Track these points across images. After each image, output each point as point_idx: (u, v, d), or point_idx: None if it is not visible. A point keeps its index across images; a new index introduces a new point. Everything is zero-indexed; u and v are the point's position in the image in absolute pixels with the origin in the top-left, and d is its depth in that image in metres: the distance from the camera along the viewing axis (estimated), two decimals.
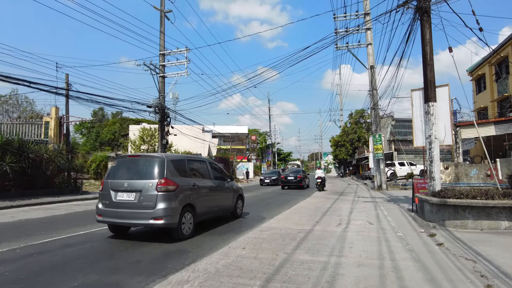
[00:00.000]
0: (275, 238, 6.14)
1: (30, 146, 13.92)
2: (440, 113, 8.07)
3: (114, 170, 6.50)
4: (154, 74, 24.43)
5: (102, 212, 6.24)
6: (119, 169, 6.50)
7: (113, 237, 6.47)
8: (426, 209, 7.54)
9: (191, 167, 7.10)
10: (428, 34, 8.15)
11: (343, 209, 10.42)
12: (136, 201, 5.92)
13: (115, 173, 6.44)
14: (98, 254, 5.21)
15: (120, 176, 6.31)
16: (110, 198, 6.15)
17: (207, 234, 6.69)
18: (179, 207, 6.09)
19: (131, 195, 5.99)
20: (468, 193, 6.77)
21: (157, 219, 5.75)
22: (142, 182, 6.00)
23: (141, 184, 5.98)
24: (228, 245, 5.65)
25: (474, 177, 17.56)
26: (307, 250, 5.26)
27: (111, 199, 6.15)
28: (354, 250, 5.26)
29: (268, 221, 8.20)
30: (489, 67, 25.57)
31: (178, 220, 6.03)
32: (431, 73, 8.05)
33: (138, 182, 6.04)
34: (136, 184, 6.03)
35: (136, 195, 5.94)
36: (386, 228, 7.20)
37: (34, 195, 14.01)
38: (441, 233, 6.34)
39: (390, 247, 5.43)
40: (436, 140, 7.98)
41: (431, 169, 8.00)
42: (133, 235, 6.74)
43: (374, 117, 20.15)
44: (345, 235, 6.46)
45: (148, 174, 6.08)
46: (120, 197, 6.07)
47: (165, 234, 6.39)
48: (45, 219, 9.13)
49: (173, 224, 5.94)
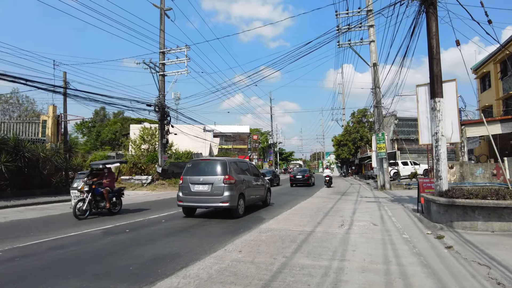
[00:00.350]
0: (274, 241, 5.82)
1: (26, 145, 13.68)
2: (447, 109, 7.71)
3: (190, 169, 8.87)
4: (154, 73, 24.17)
5: (183, 199, 8.65)
6: (193, 168, 8.89)
7: (104, 239, 6.19)
8: (433, 210, 7.20)
9: (240, 167, 9.63)
10: (434, 27, 7.79)
11: (345, 210, 10.09)
12: (209, 190, 8.34)
13: (191, 171, 8.79)
14: (86, 257, 4.92)
15: (195, 173, 8.67)
16: (189, 189, 8.54)
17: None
18: (237, 195, 8.59)
19: (206, 186, 8.41)
20: (477, 193, 6.42)
21: (224, 202, 8.23)
22: (213, 177, 8.38)
23: (213, 179, 8.37)
24: (224, 247, 5.34)
25: (479, 177, 17.13)
26: (308, 253, 4.94)
27: (189, 189, 8.54)
28: (358, 253, 4.93)
29: (268, 222, 7.88)
30: (494, 65, 25.11)
31: (237, 204, 8.54)
32: (438, 67, 7.70)
33: (210, 178, 8.41)
34: (209, 179, 8.41)
35: (209, 186, 8.36)
36: (391, 229, 6.86)
37: (30, 195, 13.78)
38: (450, 235, 6.00)
39: (396, 250, 5.10)
40: (443, 138, 7.62)
41: (438, 168, 7.65)
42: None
43: (377, 116, 19.78)
44: (348, 237, 6.13)
45: (217, 172, 8.45)
46: (196, 188, 8.49)
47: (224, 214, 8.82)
48: (38, 219, 8.87)
49: (234, 206, 8.44)
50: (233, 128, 57.58)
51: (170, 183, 22.67)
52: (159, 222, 8.15)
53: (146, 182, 22.13)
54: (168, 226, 7.58)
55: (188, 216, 8.96)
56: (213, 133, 43.72)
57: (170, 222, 8.12)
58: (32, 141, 15.46)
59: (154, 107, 23.14)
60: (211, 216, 9.08)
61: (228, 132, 55.23)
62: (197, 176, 8.56)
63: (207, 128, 40.54)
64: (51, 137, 16.49)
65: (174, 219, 8.70)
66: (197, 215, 9.34)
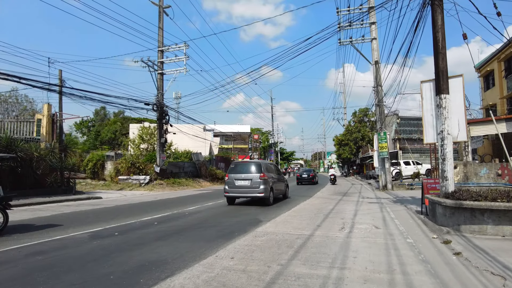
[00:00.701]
0: (270, 246, 5.46)
1: (19, 144, 13.36)
2: (453, 106, 7.33)
3: (234, 169, 11.86)
4: (152, 71, 23.83)
5: (229, 191, 11.51)
6: (236, 168, 11.89)
7: (90, 243, 5.83)
8: (439, 212, 6.82)
9: (269, 167, 12.51)
10: (440, 20, 7.41)
11: (346, 211, 9.72)
12: (249, 184, 11.18)
13: (234, 170, 11.73)
14: (66, 264, 4.56)
15: (237, 172, 11.58)
16: (233, 184, 11.41)
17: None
18: (269, 188, 11.35)
19: (246, 181, 11.24)
20: (486, 195, 6.04)
21: (260, 193, 11.04)
22: (252, 175, 11.25)
23: (251, 176, 11.24)
24: (216, 253, 4.98)
25: (484, 177, 16.77)
26: (305, 260, 4.58)
27: (234, 184, 11.41)
28: (359, 260, 4.56)
29: (265, 225, 7.51)
30: (498, 63, 24.66)
31: (269, 195, 11.29)
32: (443, 62, 7.31)
33: (250, 175, 11.28)
34: (249, 176, 11.28)
35: (249, 182, 11.19)
36: (394, 233, 6.49)
37: (23, 195, 13.43)
38: (457, 240, 5.63)
39: (400, 257, 4.73)
40: (449, 136, 7.24)
41: (444, 168, 7.27)
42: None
43: (379, 114, 19.37)
44: (348, 241, 5.77)
45: (255, 170, 11.33)
46: (239, 183, 11.35)
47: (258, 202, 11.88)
48: (26, 221, 8.52)
49: (267, 196, 11.20)
50: (234, 127, 57.18)
51: (168, 183, 22.33)
52: (151, 225, 7.80)
53: (144, 182, 21.78)
54: (160, 229, 7.22)
55: (231, 204, 11.78)
56: (213, 133, 43.35)
57: (163, 225, 7.77)
58: (26, 140, 15.14)
59: (152, 106, 22.81)
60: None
61: (229, 131, 54.85)
62: (240, 174, 11.44)
63: (207, 127, 40.22)
64: (46, 136, 16.16)
65: (168, 221, 8.35)
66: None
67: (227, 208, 11.10)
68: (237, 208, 10.93)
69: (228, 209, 10.83)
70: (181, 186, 22.61)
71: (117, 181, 22.48)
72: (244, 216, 9.02)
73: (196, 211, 10.35)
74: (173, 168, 25.00)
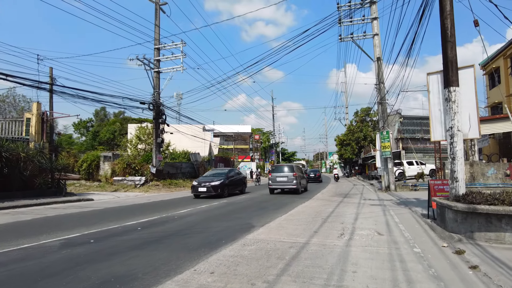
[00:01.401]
0: (258, 257, 4.81)
1: (4, 144, 12.77)
2: (463, 100, 6.66)
3: (275, 169, 17.26)
4: (148, 70, 23.25)
5: (272, 184, 16.43)
6: (276, 168, 17.35)
7: (58, 252, 5.20)
8: (449, 217, 6.14)
9: (299, 168, 18.40)
10: (448, 5, 6.75)
11: (347, 215, 9.05)
12: (286, 180, 16.16)
13: (275, 170, 17.01)
14: (18, 280, 3.94)
15: (277, 171, 16.72)
16: (275, 179, 16.37)
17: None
18: (299, 182, 16.37)
19: (284, 177, 16.23)
20: (504, 198, 5.36)
21: (293, 186, 16.06)
22: (287, 173, 16.32)
23: (288, 174, 16.29)
24: (194, 267, 4.33)
25: (491, 177, 16.04)
26: (296, 276, 3.93)
27: (275, 180, 16.37)
28: (359, 276, 3.91)
29: (256, 231, 6.86)
30: (504, 60, 23.89)
31: (299, 187, 16.43)
32: (453, 52, 6.65)
33: (286, 173, 16.33)
34: (286, 174, 16.31)
35: (286, 178, 16.18)
36: (399, 240, 5.83)
37: (9, 197, 12.88)
38: (472, 250, 4.96)
39: (407, 272, 4.07)
40: (459, 133, 6.57)
41: (453, 168, 6.59)
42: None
43: (381, 113, 18.67)
44: (348, 251, 5.11)
45: (289, 170, 16.49)
46: (279, 179, 16.34)
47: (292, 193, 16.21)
48: (1, 226, 7.92)
49: (298, 188, 16.20)
50: (234, 128, 56.52)
51: (164, 184, 21.71)
52: (134, 230, 7.16)
53: (139, 183, 21.19)
54: (142, 236, 6.59)
55: (271, 194, 16.60)
56: (213, 133, 42.75)
57: (146, 231, 7.13)
58: (13, 140, 14.57)
59: (148, 105, 22.22)
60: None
61: (229, 132, 54.22)
62: (279, 173, 16.53)
63: (206, 127, 39.63)
64: (35, 136, 15.59)
65: (153, 226, 7.71)
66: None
67: (221, 210, 10.47)
68: (232, 210, 10.28)
69: (222, 211, 10.20)
70: (178, 187, 21.99)
71: (112, 182, 21.90)
72: (237, 220, 8.37)
73: (187, 214, 9.72)
74: (170, 169, 24.39)
